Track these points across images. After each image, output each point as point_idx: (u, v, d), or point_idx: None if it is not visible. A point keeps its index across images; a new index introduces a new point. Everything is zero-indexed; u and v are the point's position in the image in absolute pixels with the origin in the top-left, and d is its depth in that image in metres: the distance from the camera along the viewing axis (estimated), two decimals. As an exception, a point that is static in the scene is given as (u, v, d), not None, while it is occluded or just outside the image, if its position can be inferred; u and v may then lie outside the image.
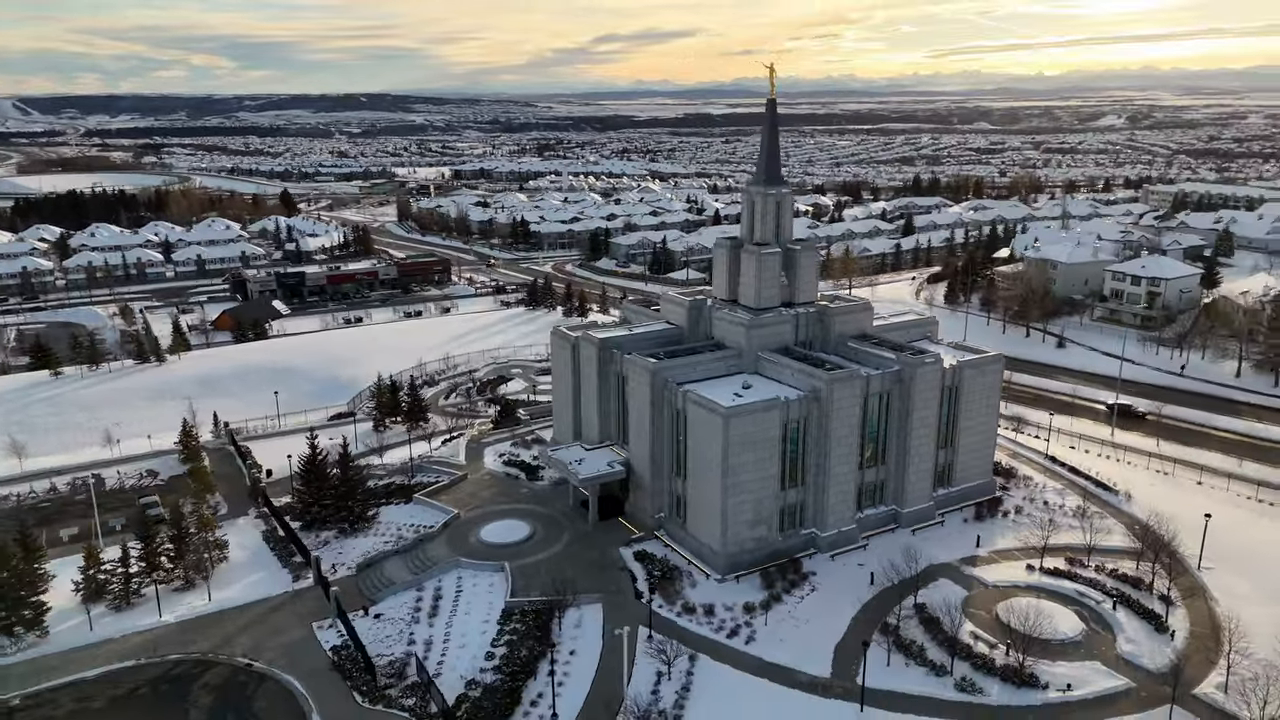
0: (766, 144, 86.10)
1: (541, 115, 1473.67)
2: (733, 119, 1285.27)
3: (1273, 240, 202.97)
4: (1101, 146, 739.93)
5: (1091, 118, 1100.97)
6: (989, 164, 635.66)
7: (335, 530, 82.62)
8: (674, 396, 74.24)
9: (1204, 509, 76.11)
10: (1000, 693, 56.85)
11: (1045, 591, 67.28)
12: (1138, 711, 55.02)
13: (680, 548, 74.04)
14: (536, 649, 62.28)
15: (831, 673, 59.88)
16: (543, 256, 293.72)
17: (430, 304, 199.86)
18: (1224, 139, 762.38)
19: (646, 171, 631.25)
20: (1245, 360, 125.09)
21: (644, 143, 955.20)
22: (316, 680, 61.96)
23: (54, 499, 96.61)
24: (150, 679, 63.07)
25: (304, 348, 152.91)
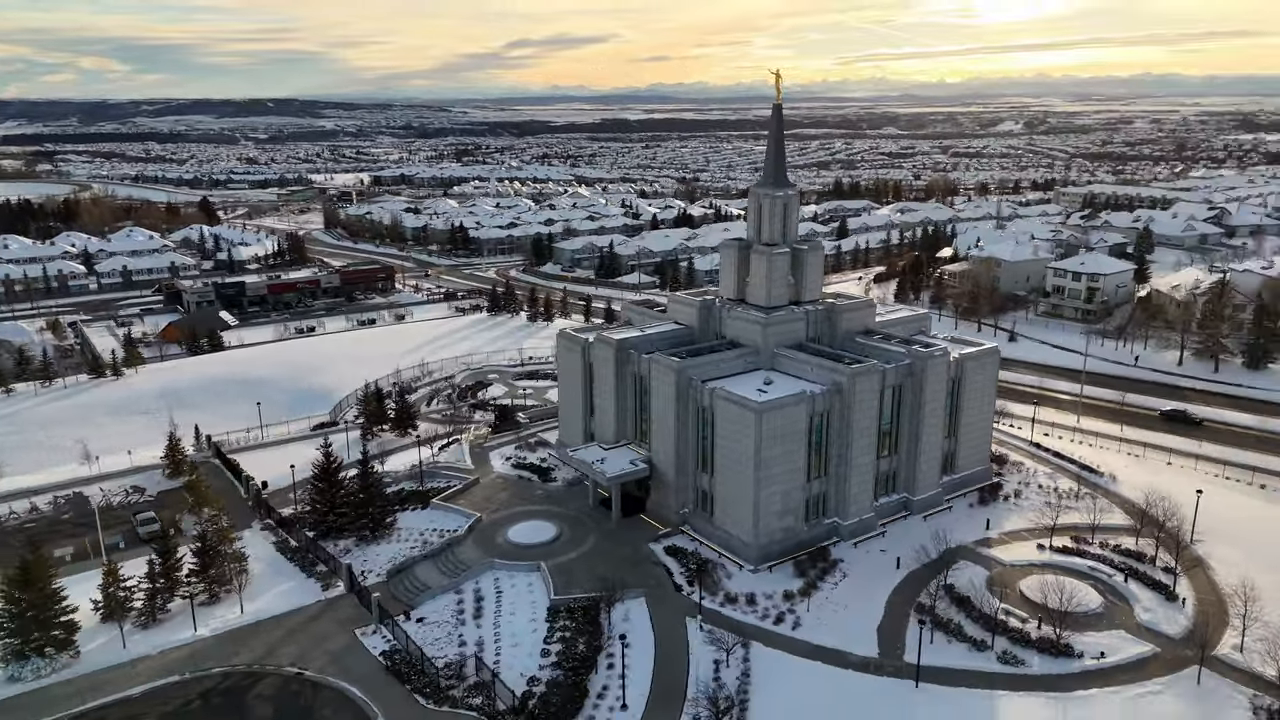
0: (773, 148, 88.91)
1: (456, 120, 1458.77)
2: (649, 124, 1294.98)
3: (1188, 237, 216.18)
4: (1004, 151, 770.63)
5: (991, 123, 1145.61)
6: (901, 168, 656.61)
7: (353, 538, 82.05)
8: (699, 394, 76.35)
9: (1180, 487, 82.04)
10: (1040, 663, 60.56)
11: (1059, 568, 71.55)
12: (1166, 674, 59.34)
13: (708, 541, 76.10)
14: (592, 643, 63.54)
15: (879, 652, 62.77)
16: (484, 262, 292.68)
17: (384, 312, 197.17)
18: (1116, 143, 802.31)
19: (571, 177, 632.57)
20: (1186, 349, 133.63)
21: (564, 148, 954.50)
22: (373, 685, 61.95)
23: (39, 519, 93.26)
24: (200, 692, 62.06)
25: (265, 358, 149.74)
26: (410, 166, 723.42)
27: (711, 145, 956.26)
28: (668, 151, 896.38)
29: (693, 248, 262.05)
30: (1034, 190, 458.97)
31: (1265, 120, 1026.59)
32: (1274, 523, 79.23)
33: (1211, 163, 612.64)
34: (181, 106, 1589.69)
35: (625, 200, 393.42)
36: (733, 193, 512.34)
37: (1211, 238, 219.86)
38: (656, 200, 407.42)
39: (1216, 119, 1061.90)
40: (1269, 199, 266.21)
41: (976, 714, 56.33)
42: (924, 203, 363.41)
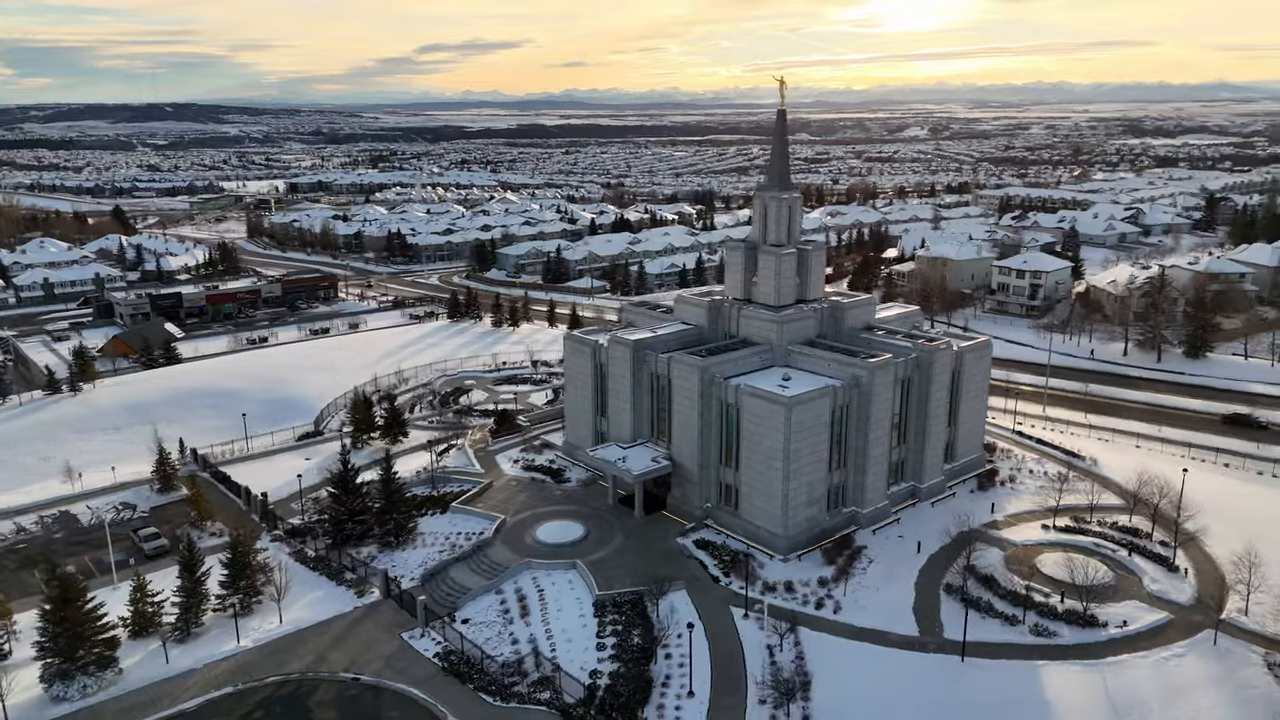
0: (777, 152, 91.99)
1: (369, 126, 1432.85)
2: (567, 130, 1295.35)
3: (1109, 236, 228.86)
4: (914, 155, 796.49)
5: (899, 129, 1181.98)
6: (818, 172, 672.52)
7: (375, 545, 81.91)
8: (723, 391, 78.80)
9: (1156, 468, 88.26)
10: (1071, 634, 64.74)
11: (1067, 546, 76.28)
12: (1184, 638, 64.20)
13: (734, 533, 78.53)
14: (647, 635, 65.26)
15: (919, 631, 66.13)
16: (423, 269, 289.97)
17: (336, 321, 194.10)
18: (1017, 148, 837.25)
19: (495, 182, 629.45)
20: (1130, 341, 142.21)
21: (482, 154, 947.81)
22: (434, 686, 62.44)
23: (30, 539, 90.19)
24: (259, 701, 61.65)
25: (230, 370, 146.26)
26: (326, 173, 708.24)
27: (631, 150, 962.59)
28: (589, 157, 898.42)
29: (639, 252, 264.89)
30: (949, 193, 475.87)
31: (1150, 126, 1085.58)
32: (1249, 498, 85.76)
33: (1106, 166, 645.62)
34: (74, 112, 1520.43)
35: (560, 206, 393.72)
36: (659, 198, 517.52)
37: (1130, 236, 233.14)
38: (590, 205, 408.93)
39: (1105, 124, 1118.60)
40: (1178, 199, 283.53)
41: (1023, 684, 60.05)
42: (848, 206, 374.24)
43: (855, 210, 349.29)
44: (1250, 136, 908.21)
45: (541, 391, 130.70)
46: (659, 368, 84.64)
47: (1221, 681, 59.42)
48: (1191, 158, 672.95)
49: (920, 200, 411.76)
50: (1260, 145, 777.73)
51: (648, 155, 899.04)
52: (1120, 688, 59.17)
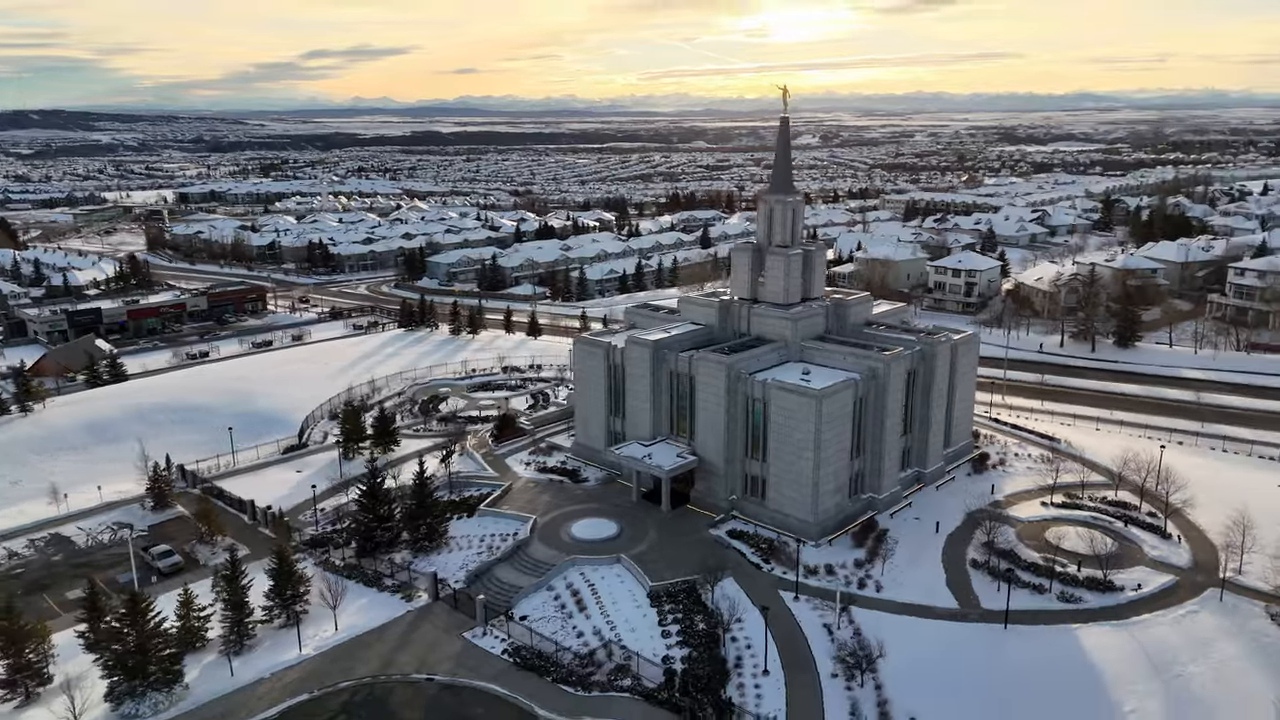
0: (780, 158, 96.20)
1: (254, 133, 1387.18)
2: (463, 137, 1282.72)
3: (1021, 236, 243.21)
4: (811, 162, 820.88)
5: (791, 136, 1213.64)
6: (721, 179, 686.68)
7: (407, 550, 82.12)
8: (749, 386, 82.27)
9: (1126, 447, 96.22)
10: (1094, 599, 70.43)
11: (1069, 521, 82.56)
12: (1193, 597, 70.74)
13: (762, 523, 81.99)
14: (709, 620, 68.02)
15: (958, 604, 70.85)
16: (348, 279, 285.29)
17: (278, 333, 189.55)
18: (907, 154, 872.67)
19: (400, 190, 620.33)
20: (1065, 334, 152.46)
21: (380, 161, 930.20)
22: (511, 681, 63.73)
23: (27, 563, 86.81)
24: (342, 705, 61.87)
25: (187, 385, 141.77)
26: (216, 183, 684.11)
27: (533, 158, 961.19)
28: (491, 164, 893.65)
29: (573, 258, 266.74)
30: (851, 198, 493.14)
31: (1023, 134, 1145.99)
32: (1212, 470, 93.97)
33: (989, 171, 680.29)
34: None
35: (480, 214, 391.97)
36: (571, 205, 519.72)
37: (1039, 236, 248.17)
38: (509, 213, 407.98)
39: (984, 132, 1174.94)
40: (1078, 202, 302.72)
41: (1064, 645, 65.29)
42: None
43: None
44: (1114, 143, 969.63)
45: (520, 396, 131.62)
46: (678, 366, 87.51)
47: (1236, 633, 66.00)
48: (1065, 163, 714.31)
49: (827, 205, 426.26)
50: (1125, 151, 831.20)
51: (551, 162, 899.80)
52: (1150, 643, 65.07)
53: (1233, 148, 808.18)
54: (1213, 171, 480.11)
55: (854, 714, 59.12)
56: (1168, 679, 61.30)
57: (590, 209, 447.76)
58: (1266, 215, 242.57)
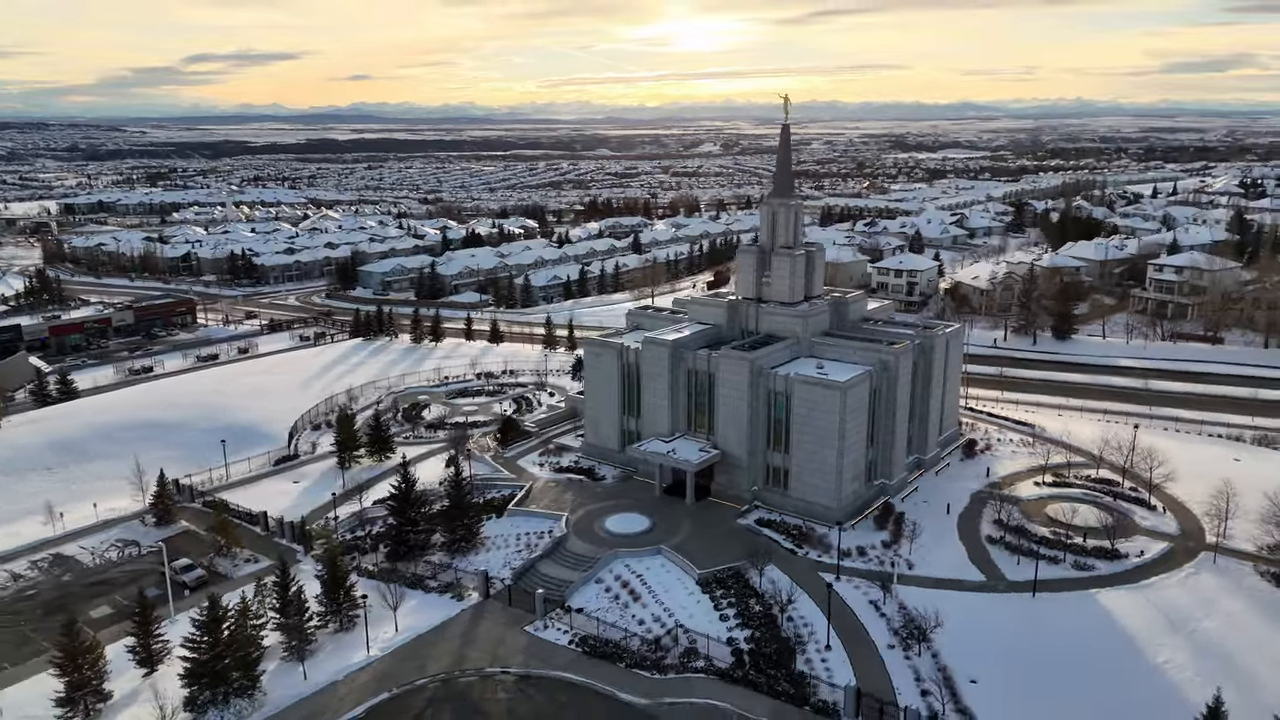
0: (782, 164, 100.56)
1: (135, 141, 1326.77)
2: (361, 145, 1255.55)
3: (944, 238, 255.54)
4: (717, 170, 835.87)
5: (693, 144, 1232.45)
6: (631, 186, 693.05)
7: (442, 552, 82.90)
8: (771, 381, 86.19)
9: (1086, 430, 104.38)
10: (1104, 566, 76.75)
11: (1065, 498, 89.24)
12: (1190, 560, 77.84)
13: (785, 511, 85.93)
14: (763, 602, 71.45)
15: (985, 577, 76.17)
16: (273, 290, 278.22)
17: (222, 346, 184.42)
18: (808, 161, 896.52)
19: (304, 199, 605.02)
20: (1007, 328, 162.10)
21: (276, 170, 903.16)
22: (586, 669, 65.84)
23: (35, 584, 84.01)
24: (428, 700, 62.98)
25: (151, 401, 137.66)
26: (101, 193, 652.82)
27: (438, 165, 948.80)
28: (394, 172, 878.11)
29: (511, 265, 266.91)
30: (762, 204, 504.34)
31: (913, 141, 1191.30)
32: (1174, 449, 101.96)
33: (887, 178, 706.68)
34: None
35: (403, 223, 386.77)
36: (484, 212, 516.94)
37: (960, 238, 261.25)
38: (431, 221, 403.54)
39: (876, 140, 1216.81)
40: (990, 206, 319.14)
41: (1090, 608, 71.16)
42: (688, 218, 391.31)
43: (696, 221, 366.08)
44: (997, 150, 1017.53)
45: (501, 401, 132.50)
46: (696, 364, 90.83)
47: (1235, 591, 73.16)
48: (956, 170, 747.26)
49: (744, 212, 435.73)
50: (1010, 158, 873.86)
51: (457, 170, 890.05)
52: (1163, 603, 71.58)
53: (1105, 154, 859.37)
54: (1093, 177, 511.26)
55: (919, 680, 63.43)
56: (1186, 633, 67.73)
57: (508, 216, 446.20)
58: (1165, 216, 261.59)
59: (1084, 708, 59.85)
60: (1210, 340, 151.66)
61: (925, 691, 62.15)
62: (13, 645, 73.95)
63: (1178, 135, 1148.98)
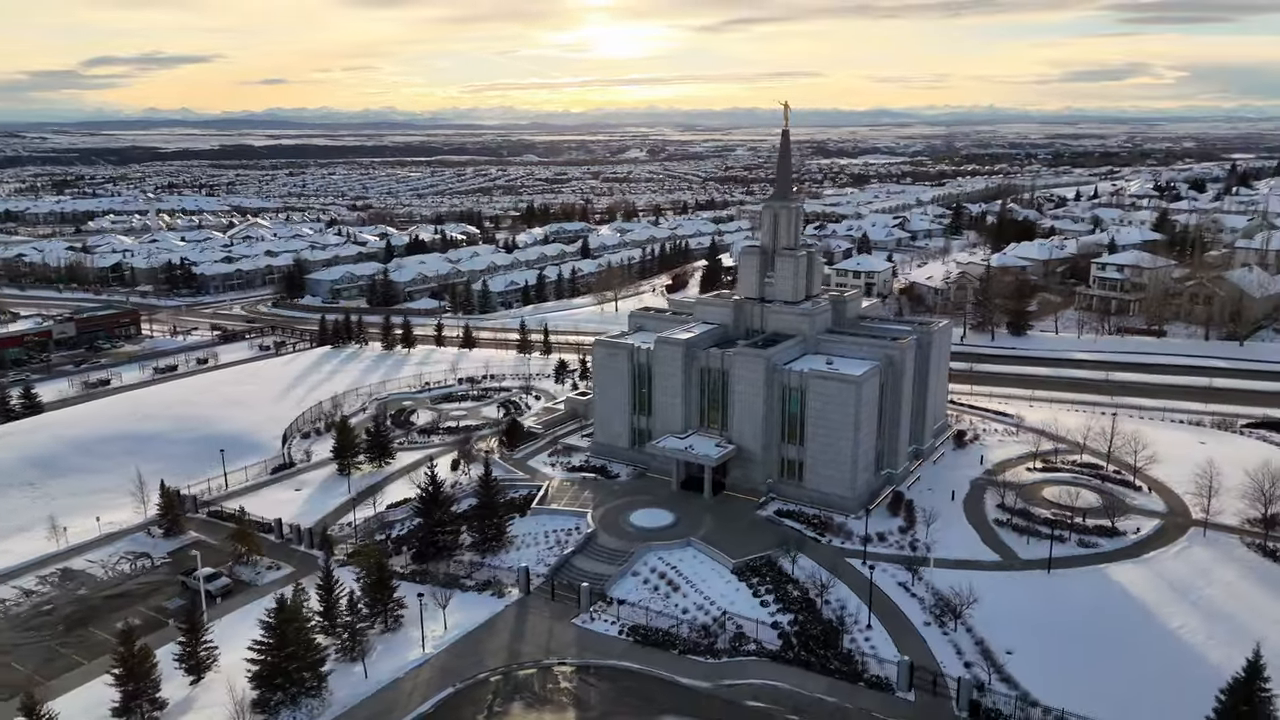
0: (782, 169, 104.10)
1: (34, 147, 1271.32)
2: (278, 150, 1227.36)
3: (889, 241, 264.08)
4: (647, 176, 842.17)
5: (620, 150, 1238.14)
6: (563, 192, 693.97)
7: (472, 552, 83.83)
8: (785, 377, 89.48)
9: (1062, 419, 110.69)
10: (1106, 543, 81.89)
11: (1058, 482, 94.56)
12: (1182, 535, 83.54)
13: (802, 503, 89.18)
14: (799, 587, 74.49)
15: (1000, 557, 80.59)
16: (223, 299, 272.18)
17: (179, 357, 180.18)
18: (736, 167, 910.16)
19: (229, 207, 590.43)
20: (966, 325, 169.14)
21: (191, 176, 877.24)
22: (640, 657, 67.90)
23: (50, 599, 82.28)
24: (494, 692, 64.52)
25: (123, 413, 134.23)
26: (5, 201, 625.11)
27: (362, 171, 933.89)
28: (317, 179, 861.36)
29: (463, 271, 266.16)
30: (698, 210, 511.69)
31: (834, 147, 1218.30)
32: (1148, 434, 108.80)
33: (813, 184, 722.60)
34: None
35: (341, 230, 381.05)
36: (417, 218, 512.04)
37: (903, 241, 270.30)
38: (367, 229, 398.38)
39: (799, 146, 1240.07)
40: (929, 209, 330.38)
41: (1102, 582, 76.06)
42: (630, 223, 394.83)
43: (640, 227, 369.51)
44: (914, 156, 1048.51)
45: (489, 406, 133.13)
46: (710, 362, 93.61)
47: (1227, 561, 79.00)
48: (880, 175, 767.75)
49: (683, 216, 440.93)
50: (928, 163, 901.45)
51: (382, 176, 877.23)
52: (1166, 574, 76.97)
53: (1017, 160, 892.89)
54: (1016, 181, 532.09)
55: (960, 653, 67.24)
56: (1193, 600, 73.10)
57: (444, 222, 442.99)
58: (1094, 217, 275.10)
59: (1117, 671, 64.35)
60: (1154, 334, 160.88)
61: (968, 663, 65.96)
62: (42, 660, 72.60)
63: (1081, 141, 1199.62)
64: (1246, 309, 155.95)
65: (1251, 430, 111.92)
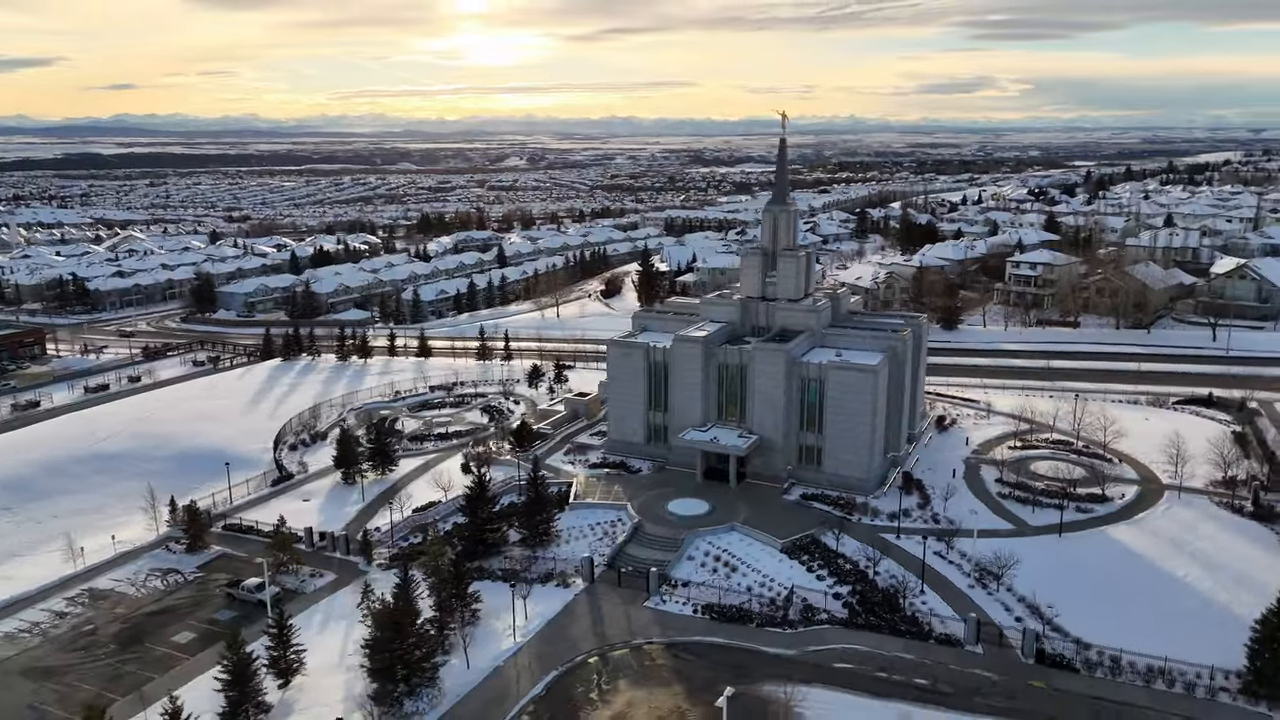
0: (779, 175, 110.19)
1: None
2: (130, 159, 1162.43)
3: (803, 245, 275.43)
4: (534, 184, 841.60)
5: (499, 158, 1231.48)
6: (449, 200, 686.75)
7: (520, 548, 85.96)
8: (804, 369, 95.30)
9: (1012, 403, 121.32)
10: (1100, 509, 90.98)
11: (1039, 458, 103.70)
12: (1160, 498, 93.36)
13: (821, 486, 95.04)
14: (850, 561, 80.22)
15: (1012, 525, 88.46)
16: (122, 316, 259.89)
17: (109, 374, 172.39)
18: (621, 175, 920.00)
19: (92, 219, 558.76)
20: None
21: (37, 187, 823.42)
22: (721, 632, 72.12)
23: (91, 620, 79.76)
24: (594, 674, 67.58)
25: (68, 435, 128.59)
26: None
27: (231, 181, 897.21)
28: (182, 189, 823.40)
29: (385, 281, 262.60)
30: (595, 218, 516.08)
31: (711, 156, 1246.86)
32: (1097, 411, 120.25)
33: (698, 191, 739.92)
34: None
35: (238, 242, 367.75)
36: (304, 229, 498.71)
37: (816, 244, 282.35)
38: (262, 240, 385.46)
39: (676, 155, 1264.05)
40: (834, 213, 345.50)
41: (1106, 542, 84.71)
42: (539, 230, 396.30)
43: (549, 234, 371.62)
44: (790, 164, 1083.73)
45: (470, 412, 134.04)
46: (728, 358, 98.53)
47: (1206, 518, 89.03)
48: (761, 183, 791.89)
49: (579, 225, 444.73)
50: (805, 171, 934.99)
51: (254, 186, 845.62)
52: (1158, 532, 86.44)
53: (886, 168, 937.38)
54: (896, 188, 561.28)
55: (1009, 609, 74.26)
56: (1189, 552, 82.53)
57: (333, 232, 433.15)
58: (988, 220, 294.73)
59: (1146, 615, 72.50)
60: (1070, 324, 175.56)
61: (1018, 618, 72.96)
62: (106, 679, 70.86)
63: (939, 150, 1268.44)
64: (1149, 300, 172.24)
65: (1182, 406, 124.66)
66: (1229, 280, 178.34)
